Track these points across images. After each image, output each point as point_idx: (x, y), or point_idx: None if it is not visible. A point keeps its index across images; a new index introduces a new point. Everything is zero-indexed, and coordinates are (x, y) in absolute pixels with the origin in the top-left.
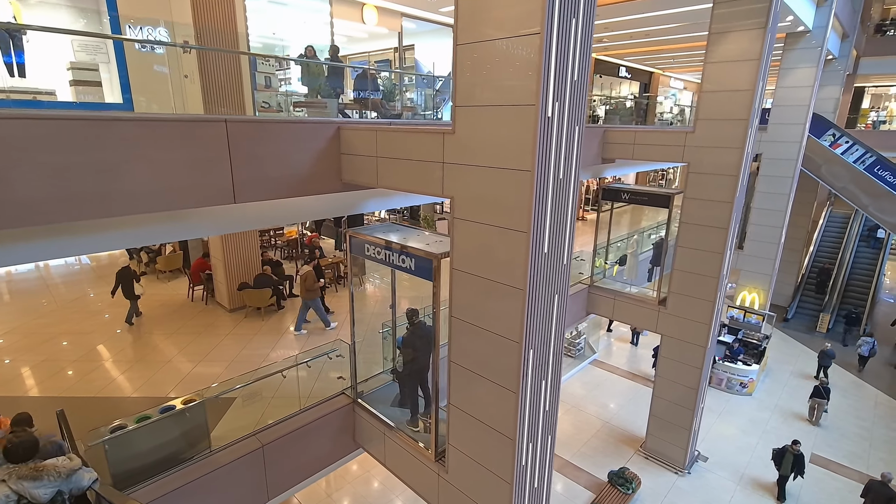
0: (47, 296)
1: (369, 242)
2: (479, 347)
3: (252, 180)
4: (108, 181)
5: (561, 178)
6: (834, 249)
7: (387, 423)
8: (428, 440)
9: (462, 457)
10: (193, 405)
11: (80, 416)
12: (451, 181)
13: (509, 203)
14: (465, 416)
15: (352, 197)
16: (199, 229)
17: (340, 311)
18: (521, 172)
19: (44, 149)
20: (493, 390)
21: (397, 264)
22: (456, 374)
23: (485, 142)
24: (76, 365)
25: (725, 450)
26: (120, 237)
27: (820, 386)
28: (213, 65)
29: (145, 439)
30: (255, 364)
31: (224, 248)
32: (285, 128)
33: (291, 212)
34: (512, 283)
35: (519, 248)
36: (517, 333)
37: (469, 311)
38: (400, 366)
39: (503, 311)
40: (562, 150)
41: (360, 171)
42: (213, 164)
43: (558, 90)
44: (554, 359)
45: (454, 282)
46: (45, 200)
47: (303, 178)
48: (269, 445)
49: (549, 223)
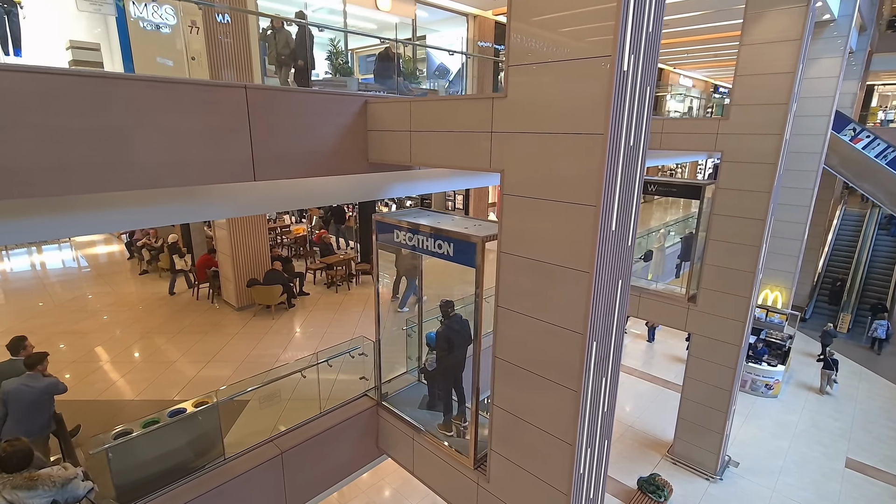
0: (44, 297)
1: (399, 228)
2: (531, 341)
3: (273, 156)
4: (114, 150)
5: (631, 146)
6: (850, 249)
7: (416, 427)
8: (464, 445)
9: (507, 464)
10: (206, 408)
11: (79, 421)
12: (502, 153)
13: (575, 173)
14: (512, 419)
15: (379, 180)
16: (215, 210)
17: (352, 311)
18: (591, 137)
19: (38, 109)
20: (547, 389)
21: (432, 251)
22: (501, 371)
23: (545, 105)
24: (74, 366)
25: (756, 454)
26: (126, 217)
27: (828, 358)
28: (220, 47)
29: (153, 446)
30: (267, 365)
31: (232, 242)
32: (308, 98)
33: (314, 194)
34: (575, 266)
35: (585, 225)
36: (580, 323)
37: (520, 299)
38: (430, 364)
39: (563, 298)
40: (634, 113)
41: (390, 149)
42: (232, 136)
43: (635, 40)
44: (615, 352)
45: (502, 267)
46: (40, 169)
47: (327, 156)
48: (288, 452)
49: (618, 197)
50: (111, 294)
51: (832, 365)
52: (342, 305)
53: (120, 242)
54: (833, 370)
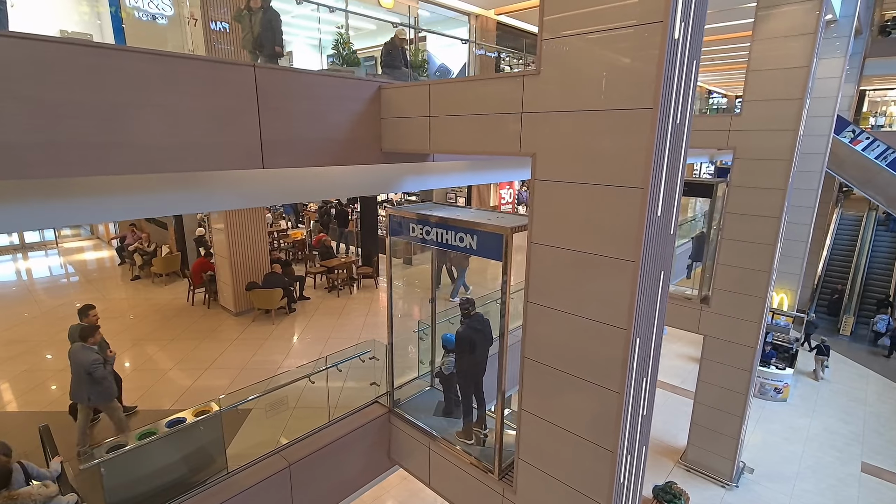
0: (30, 305)
1: (416, 221)
2: (566, 339)
3: (283, 142)
4: (111, 129)
5: (678, 123)
6: (848, 252)
7: (433, 436)
8: (487, 454)
9: (536, 474)
10: (208, 417)
11: (66, 434)
12: (533, 134)
13: (619, 153)
14: (543, 424)
15: (392, 171)
16: (220, 200)
17: (355, 315)
18: (639, 113)
19: (28, 79)
20: (585, 391)
21: (453, 244)
22: (531, 372)
23: (584, 80)
24: (61, 375)
25: (770, 460)
26: (124, 204)
27: (821, 344)
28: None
29: (150, 460)
30: (268, 373)
31: (230, 244)
32: (320, 81)
33: (324, 185)
34: (619, 255)
35: (631, 210)
36: (624, 318)
37: (553, 293)
38: (447, 367)
39: (604, 291)
40: (682, 87)
41: (406, 137)
42: (240, 119)
43: (686, 5)
44: (655, 350)
45: (533, 259)
46: (31, 147)
47: (339, 144)
48: (296, 465)
49: (664, 178)
50: (101, 300)
51: (825, 351)
52: (345, 310)
53: (110, 248)
54: (825, 356)
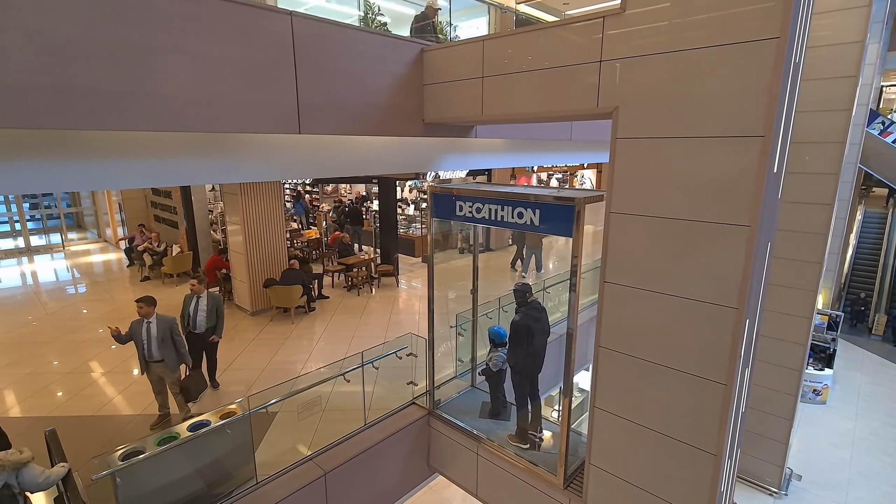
0: (35, 308)
1: (465, 198)
2: (655, 323)
3: (321, 105)
4: (131, 75)
5: (797, 60)
6: (874, 252)
7: (480, 439)
8: (546, 459)
9: (612, 482)
10: (236, 419)
11: (74, 440)
12: (616, 86)
13: (730, 96)
14: (622, 424)
15: (431, 147)
16: (251, 169)
17: (378, 314)
18: (761, 45)
19: (33, 8)
20: (680, 384)
21: (511, 221)
22: (608, 364)
23: (686, 10)
24: (69, 378)
25: (818, 466)
26: (145, 169)
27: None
28: None
29: (170, 468)
30: (290, 374)
31: (246, 239)
32: (361, 37)
33: (360, 159)
34: (729, 219)
35: (746, 164)
36: (734, 295)
37: (639, 271)
38: (495, 363)
39: (709, 264)
40: (807, 14)
41: (453, 103)
42: (276, 75)
43: None
44: (757, 335)
45: (612, 232)
46: (34, 91)
47: (380, 111)
48: (331, 473)
49: (783, 126)
50: (109, 301)
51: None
52: (366, 309)
53: (118, 250)
54: None
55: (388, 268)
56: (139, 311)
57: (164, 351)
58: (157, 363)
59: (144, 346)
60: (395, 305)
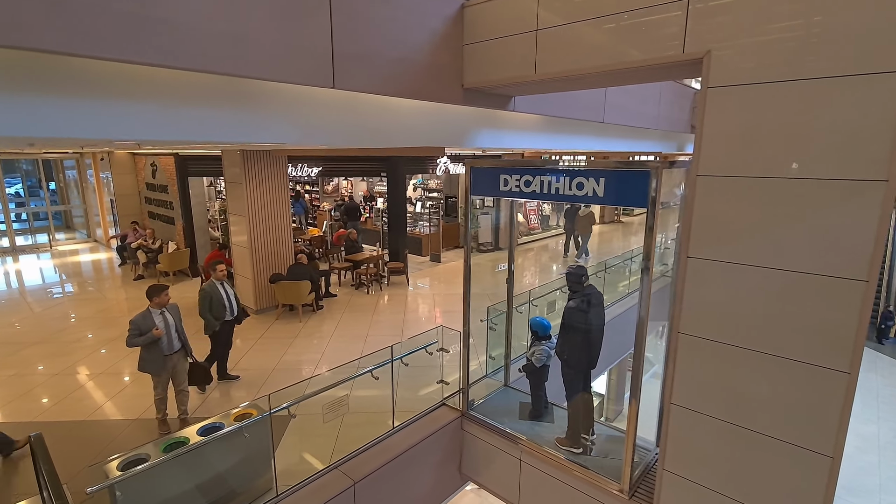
0: (22, 309)
1: (511, 171)
2: (755, 303)
3: (358, 57)
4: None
5: None
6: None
7: (524, 443)
8: (605, 466)
9: (694, 490)
10: (254, 421)
11: (63, 448)
12: (705, 27)
13: (870, 29)
14: (708, 423)
15: (468, 119)
16: (276, 129)
17: (391, 311)
18: None
19: None
20: (787, 375)
21: (566, 193)
22: (690, 353)
23: None
24: (56, 380)
25: (847, 471)
26: (155, 116)
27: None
28: None
29: (178, 479)
30: (301, 375)
31: (251, 232)
32: None
33: (393, 127)
34: (861, 175)
35: (882, 105)
36: (863, 266)
37: (735, 242)
38: (539, 359)
39: (831, 230)
40: None
41: (498, 63)
42: (309, 15)
43: None
44: None
45: (699, 198)
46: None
47: (418, 70)
48: (361, 483)
49: None
50: (100, 300)
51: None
52: (378, 307)
53: (109, 250)
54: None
55: (399, 265)
56: (159, 302)
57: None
58: (176, 353)
59: (164, 339)
60: (407, 304)
